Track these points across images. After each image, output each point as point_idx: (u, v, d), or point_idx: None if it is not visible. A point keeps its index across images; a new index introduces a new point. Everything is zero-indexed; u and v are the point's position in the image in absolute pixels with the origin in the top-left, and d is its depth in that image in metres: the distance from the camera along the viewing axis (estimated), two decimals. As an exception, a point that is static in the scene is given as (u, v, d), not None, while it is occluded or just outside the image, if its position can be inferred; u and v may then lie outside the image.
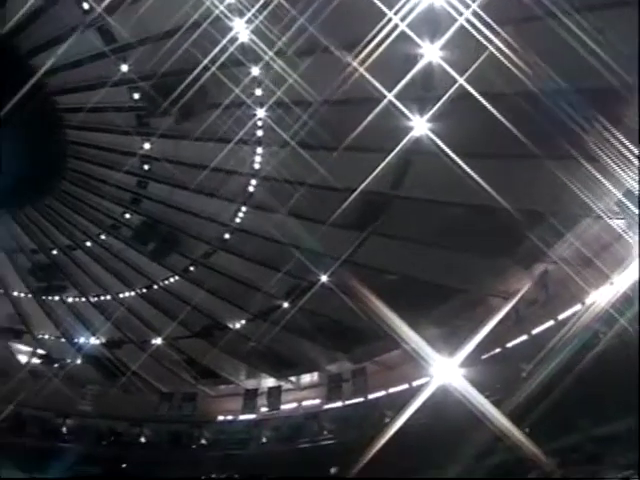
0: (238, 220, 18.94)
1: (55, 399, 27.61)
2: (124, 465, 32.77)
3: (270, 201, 17.33)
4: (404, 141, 13.68)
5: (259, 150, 16.79)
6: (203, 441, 32.62)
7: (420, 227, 17.00)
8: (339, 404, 27.38)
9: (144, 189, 18.55)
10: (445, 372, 16.77)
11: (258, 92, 14.78)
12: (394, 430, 19.89)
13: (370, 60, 11.67)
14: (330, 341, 23.69)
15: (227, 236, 19.51)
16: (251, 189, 17.94)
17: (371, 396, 26.19)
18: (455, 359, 17.02)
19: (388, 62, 11.88)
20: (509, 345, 19.60)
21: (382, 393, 25.78)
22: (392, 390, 25.31)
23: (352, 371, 26.33)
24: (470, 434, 15.57)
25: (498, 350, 19.97)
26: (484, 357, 19.85)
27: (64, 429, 32.77)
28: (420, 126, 13.50)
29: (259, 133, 16.14)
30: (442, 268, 17.98)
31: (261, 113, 15.37)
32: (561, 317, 17.17)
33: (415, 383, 23.21)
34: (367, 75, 11.78)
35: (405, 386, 24.49)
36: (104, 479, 28.32)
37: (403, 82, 12.05)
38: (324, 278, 18.83)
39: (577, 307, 16.51)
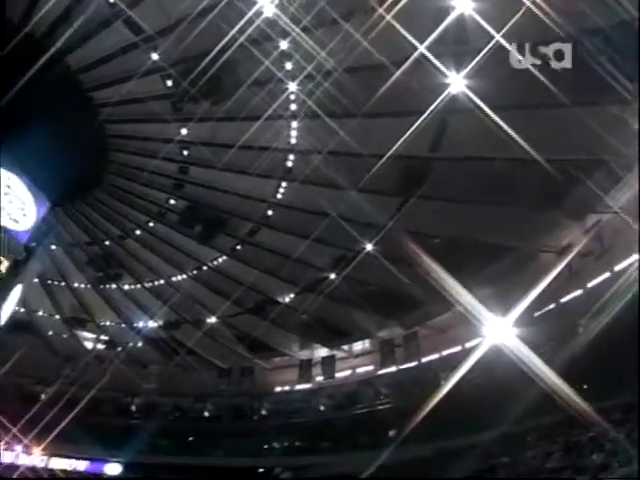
0: (279, 196, 19.03)
1: (121, 380, 29.03)
2: (190, 438, 34.62)
3: (309, 174, 17.30)
4: (440, 99, 13.26)
5: (294, 124, 16.71)
6: (263, 412, 33.88)
7: (463, 187, 16.62)
8: (393, 369, 27.68)
9: (185, 174, 18.88)
10: (498, 332, 16.48)
11: (288, 66, 14.62)
12: (448, 392, 19.95)
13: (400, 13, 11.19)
14: (380, 308, 23.80)
15: (270, 213, 19.68)
16: (289, 164, 17.95)
17: (424, 359, 26.30)
18: (508, 318, 16.70)
19: (419, 17, 11.45)
20: (563, 300, 19.16)
21: (435, 356, 25.82)
22: (445, 352, 25.31)
23: (404, 336, 26.46)
24: (524, 394, 15.38)
25: (552, 306, 19.58)
26: (538, 314, 19.53)
27: (133, 407, 34.77)
28: (456, 82, 13.06)
29: (293, 107, 16.04)
30: (489, 227, 17.58)
31: (293, 87, 15.23)
32: (617, 268, 16.56)
33: (468, 344, 23.10)
34: (399, 27, 11.29)
35: (458, 348, 24.42)
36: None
37: (435, 34, 11.52)
38: (369, 246, 18.77)
39: (634, 257, 15.87)
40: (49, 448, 29.29)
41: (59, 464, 31.01)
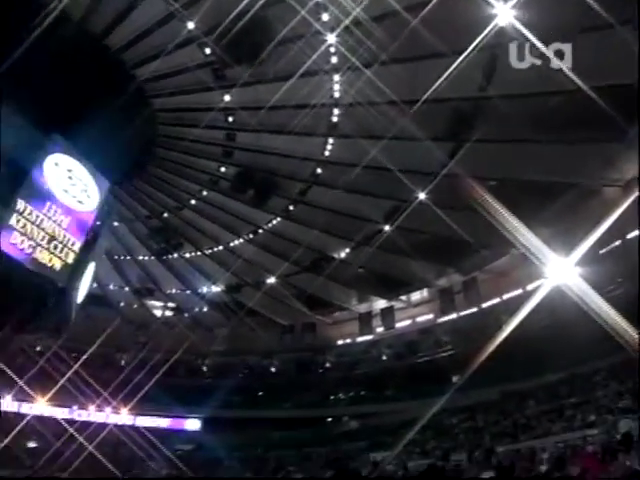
0: (327, 153, 18.89)
1: (191, 344, 30.50)
2: (260, 393, 36.38)
3: (355, 127, 17.04)
4: (486, 31, 12.54)
5: (336, 77, 16.36)
6: (327, 364, 34.99)
7: (517, 125, 15.89)
8: (453, 316, 27.71)
9: (233, 140, 19.02)
10: (560, 272, 15.98)
11: (325, 17, 14.19)
12: (511, 335, 19.77)
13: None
14: (437, 257, 23.67)
15: (319, 170, 19.63)
16: (334, 119, 17.71)
17: (485, 305, 26.11)
18: (570, 258, 16.12)
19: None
20: (630, 236, 18.35)
21: (496, 300, 25.59)
22: (506, 296, 25.03)
23: (463, 283, 26.30)
24: (588, 335, 15.00)
25: (617, 243, 18.82)
26: (602, 252, 18.86)
27: (204, 368, 36.75)
28: (504, 13, 12.30)
29: (333, 60, 15.67)
30: (547, 165, 16.85)
31: (332, 39, 14.81)
32: (688, 198, 15.56)
33: (529, 287, 22.70)
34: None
35: (519, 291, 24.07)
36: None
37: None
38: (422, 195, 18.48)
39: None
40: (135, 408, 31.71)
41: (144, 422, 33.48)
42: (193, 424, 35.24)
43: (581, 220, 17.67)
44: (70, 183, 13.81)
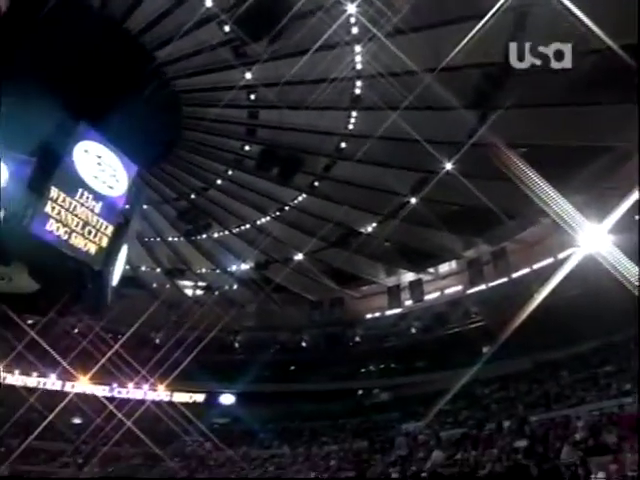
0: (351, 126, 18.67)
1: (222, 321, 31.13)
2: (292, 367, 37.08)
3: (379, 99, 16.73)
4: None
5: (357, 48, 16.03)
6: (356, 338, 35.33)
7: (547, 88, 15.37)
8: (482, 287, 27.47)
9: (256, 118, 18.96)
10: (593, 240, 15.58)
11: (343, -14, 13.86)
12: (543, 305, 19.56)
13: None
14: (465, 228, 23.39)
15: (343, 145, 19.44)
16: (357, 91, 17.43)
17: (514, 275, 25.80)
18: (603, 225, 15.73)
19: None
20: (666, 200, 17.68)
21: (526, 270, 25.24)
22: (536, 266, 24.65)
23: (491, 253, 25.98)
24: (622, 303, 14.69)
25: (654, 207, 18.16)
26: (638, 218, 18.27)
27: (236, 344, 37.56)
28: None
29: (354, 31, 15.34)
30: (580, 128, 16.30)
31: (352, 9, 14.48)
32: None
33: (560, 255, 22.28)
34: None
35: (549, 260, 23.66)
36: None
37: None
38: (449, 166, 18.18)
39: None
40: (171, 385, 32.78)
41: (181, 398, 34.61)
42: (227, 399, 36.31)
43: (615, 185, 17.23)
44: (99, 169, 14.02)
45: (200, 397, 36.09)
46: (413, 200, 20.91)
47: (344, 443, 27.96)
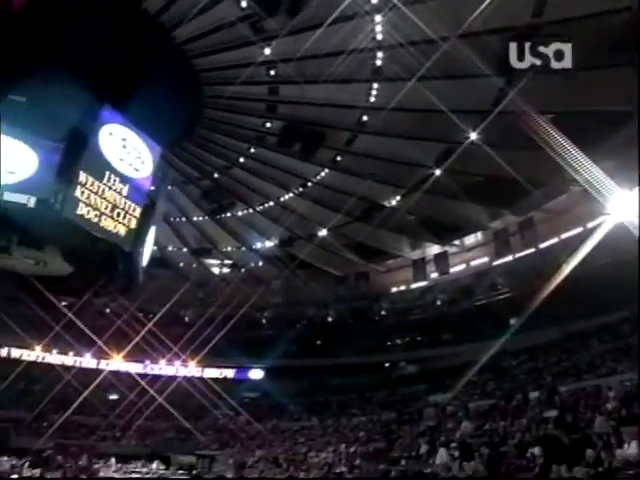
0: (372, 99, 18.35)
1: (249, 298, 31.58)
2: (318, 342, 37.55)
3: (400, 70, 16.37)
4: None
5: (378, 18, 15.63)
6: (382, 312, 35.47)
7: (577, 51, 14.79)
8: (509, 258, 27.12)
9: (276, 94, 18.80)
10: (623, 208, 15.11)
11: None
12: (571, 275, 19.24)
13: None
14: (491, 199, 22.99)
15: (365, 118, 19.17)
16: (378, 62, 17.07)
17: (542, 245, 25.35)
18: (635, 191, 15.24)
19: None
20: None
21: (554, 240, 24.75)
22: (564, 235, 24.15)
23: (518, 224, 25.52)
24: None
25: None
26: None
27: (263, 320, 38.15)
28: None
29: (374, 0, 14.95)
30: (611, 92, 15.70)
31: (371, -22, 14.11)
32: None
33: (589, 224, 21.77)
34: None
35: (578, 229, 23.14)
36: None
37: None
38: (474, 135, 17.79)
39: None
40: (202, 361, 33.63)
41: (211, 373, 35.48)
42: (257, 374, 37.10)
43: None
44: (125, 152, 14.18)
45: (230, 372, 36.98)
46: (437, 172, 20.57)
47: (372, 415, 28.35)
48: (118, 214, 13.34)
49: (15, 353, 33.51)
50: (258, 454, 27.84)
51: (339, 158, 21.60)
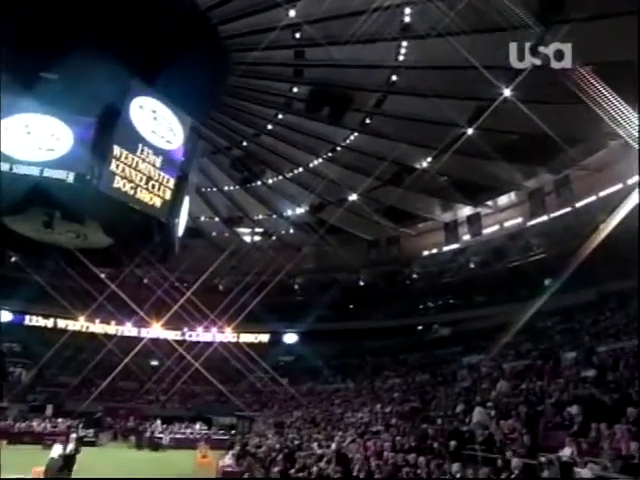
0: (401, 57, 17.81)
1: (281, 265, 31.95)
2: (351, 306, 37.96)
3: (430, 26, 15.77)
4: None
5: (404, -28, 15.04)
6: (414, 275, 35.47)
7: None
8: (544, 218, 26.51)
9: (302, 58, 18.46)
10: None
11: None
12: (608, 235, 18.73)
13: None
14: (525, 157, 22.32)
15: (394, 78, 18.65)
16: (406, 19, 16.48)
17: (579, 204, 24.64)
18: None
19: None
20: None
21: (591, 198, 24.00)
22: (602, 193, 23.37)
23: (554, 182, 24.78)
24: None
25: None
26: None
27: (296, 286, 38.71)
28: None
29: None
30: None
31: None
32: None
33: (630, 181, 20.99)
34: None
35: (618, 186, 22.34)
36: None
37: None
38: (507, 92, 17.15)
39: None
40: (238, 327, 34.54)
41: (247, 338, 36.47)
42: (291, 338, 37.94)
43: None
44: (156, 124, 14.33)
45: (265, 337, 37.94)
46: (470, 131, 19.99)
47: (406, 377, 28.70)
48: (153, 186, 13.60)
49: (61, 323, 35.18)
50: (296, 415, 28.73)
51: (368, 121, 21.19)
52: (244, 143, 23.99)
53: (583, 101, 12.11)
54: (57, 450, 13.60)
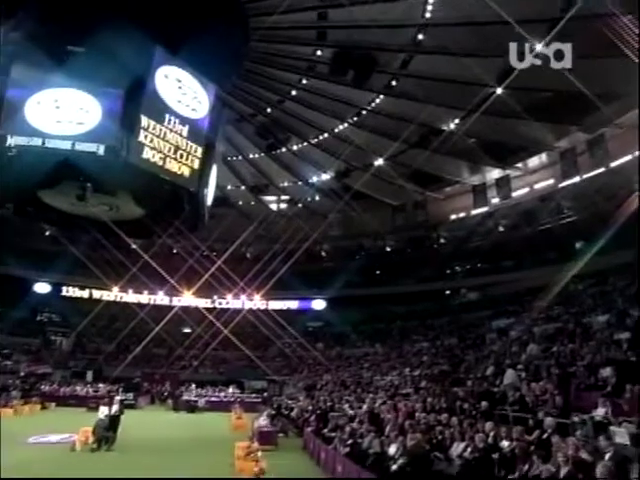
0: (428, 15, 17.20)
1: (308, 232, 32.06)
2: (378, 272, 38.06)
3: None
4: None
5: None
6: (441, 240, 35.19)
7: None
8: (576, 180, 25.70)
9: (325, 19, 18.03)
10: None
11: None
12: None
13: None
14: (557, 116, 21.53)
15: (420, 37, 18.05)
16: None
17: (613, 164, 23.74)
18: None
19: None
20: None
21: (627, 157, 23.08)
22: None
23: (587, 142, 23.86)
24: None
25: None
26: None
27: (323, 253, 38.91)
28: None
29: None
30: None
31: None
32: None
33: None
34: None
35: (655, 144, 21.38)
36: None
37: None
38: (539, 47, 16.40)
39: None
40: (267, 294, 35.13)
41: (276, 305, 37.14)
42: (319, 304, 38.45)
43: None
44: (181, 92, 14.35)
45: (293, 304, 38.54)
46: (499, 90, 19.32)
47: (435, 341, 28.90)
48: (181, 155, 13.74)
49: (96, 294, 36.43)
50: (325, 378, 29.39)
51: (394, 83, 20.66)
52: (268, 110, 23.77)
53: (621, 54, 11.58)
54: (103, 411, 14.31)
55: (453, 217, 33.25)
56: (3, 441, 11.98)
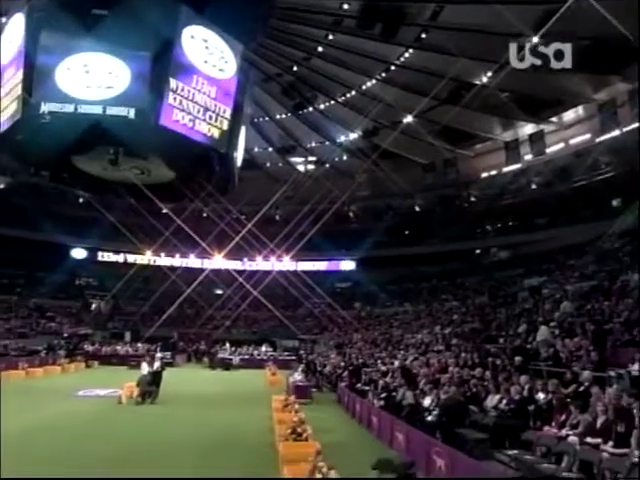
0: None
1: (335, 192, 31.87)
2: (407, 232, 37.87)
3: None
4: None
5: None
6: (472, 198, 34.56)
7: None
8: (615, 133, 24.65)
9: (352, -30, 17.40)
10: None
11: None
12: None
13: None
14: (596, 65, 20.47)
15: (452, -14, 17.29)
16: None
17: (658, 114, 22.61)
18: None
19: None
20: None
21: (672, 108, 21.95)
22: (686, 101, 21.27)
23: (629, 92, 22.68)
24: None
25: None
26: None
27: (350, 214, 38.83)
28: None
29: None
30: None
31: None
32: None
33: None
34: None
35: None
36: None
37: None
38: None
39: None
40: (296, 256, 35.41)
41: (305, 266, 37.50)
42: (348, 265, 38.70)
43: None
44: (208, 53, 14.14)
45: (322, 265, 38.89)
46: (535, 39, 18.38)
47: (465, 299, 28.84)
48: (210, 117, 13.67)
49: (130, 258, 37.54)
50: (356, 337, 29.86)
51: (424, 35, 19.93)
52: (294, 68, 23.34)
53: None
54: (145, 368, 14.98)
55: (484, 175, 32.55)
56: (55, 394, 12.73)
